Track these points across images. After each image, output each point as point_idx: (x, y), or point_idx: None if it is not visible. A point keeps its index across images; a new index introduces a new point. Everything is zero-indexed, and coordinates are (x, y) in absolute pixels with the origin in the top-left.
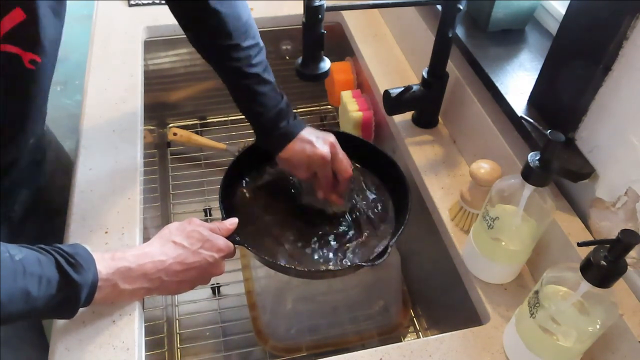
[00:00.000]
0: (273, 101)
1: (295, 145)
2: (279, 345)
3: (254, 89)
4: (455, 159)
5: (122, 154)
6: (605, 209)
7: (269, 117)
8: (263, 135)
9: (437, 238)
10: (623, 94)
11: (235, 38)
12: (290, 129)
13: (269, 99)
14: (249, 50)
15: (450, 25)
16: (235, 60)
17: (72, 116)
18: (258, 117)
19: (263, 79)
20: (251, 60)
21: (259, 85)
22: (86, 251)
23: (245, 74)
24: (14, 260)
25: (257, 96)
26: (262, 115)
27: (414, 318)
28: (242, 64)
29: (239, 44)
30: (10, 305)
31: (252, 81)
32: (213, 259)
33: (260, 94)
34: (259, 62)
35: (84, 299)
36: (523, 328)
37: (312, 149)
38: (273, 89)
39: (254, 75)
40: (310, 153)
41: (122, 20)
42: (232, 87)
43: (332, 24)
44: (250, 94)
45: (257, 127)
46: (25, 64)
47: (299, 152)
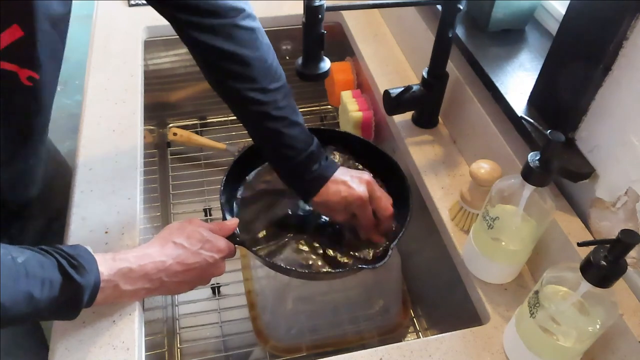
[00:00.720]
0: (303, 144)
1: (330, 188)
2: (279, 345)
3: (282, 132)
4: (455, 159)
5: (122, 154)
6: (605, 209)
7: (299, 161)
8: (294, 180)
9: (437, 238)
10: (623, 94)
11: (260, 81)
12: (323, 172)
13: (299, 141)
14: (276, 93)
15: (450, 25)
16: (261, 104)
17: (72, 116)
18: (288, 161)
19: (292, 121)
20: (278, 103)
21: (288, 128)
22: (88, 252)
23: (272, 117)
24: (16, 263)
25: (285, 139)
26: (292, 160)
27: (414, 318)
28: (269, 108)
29: (264, 87)
30: (13, 308)
31: (280, 124)
32: (213, 260)
33: (290, 136)
34: (287, 105)
35: (86, 300)
36: (523, 328)
37: (347, 190)
38: (303, 131)
39: (281, 118)
40: (346, 194)
41: (122, 20)
42: (257, 133)
43: (332, 24)
44: (278, 138)
45: (288, 171)
46: (22, 80)
47: (334, 195)
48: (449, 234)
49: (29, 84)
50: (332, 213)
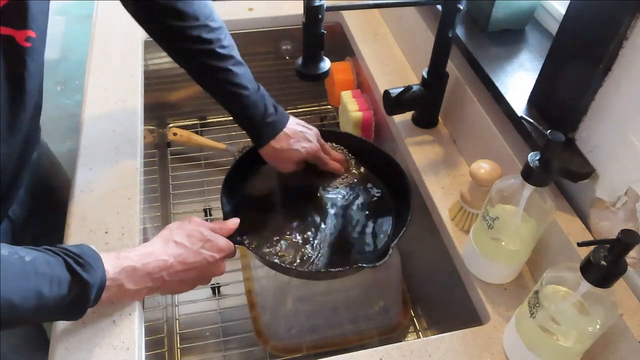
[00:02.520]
0: (253, 83)
1: (288, 137)
2: (279, 345)
3: (231, 70)
4: (455, 159)
5: (122, 153)
6: (605, 209)
7: (254, 100)
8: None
9: (437, 238)
10: (623, 94)
11: (201, 19)
12: (280, 117)
13: (248, 80)
14: (219, 32)
15: (450, 25)
16: (206, 42)
17: (72, 116)
18: (241, 100)
19: (238, 60)
20: (222, 42)
21: (236, 67)
22: (93, 251)
23: (218, 55)
24: (24, 262)
25: (235, 77)
26: (246, 98)
27: (414, 318)
28: (214, 46)
29: (207, 24)
30: (23, 306)
31: (228, 62)
32: (213, 259)
33: (239, 75)
34: (231, 44)
35: (93, 298)
36: (523, 328)
37: (306, 142)
38: (249, 72)
39: (228, 56)
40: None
41: (122, 20)
42: (205, 74)
43: (332, 24)
44: (227, 76)
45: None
46: (20, 43)
47: (291, 146)
48: (449, 234)
49: (28, 44)
50: (285, 163)
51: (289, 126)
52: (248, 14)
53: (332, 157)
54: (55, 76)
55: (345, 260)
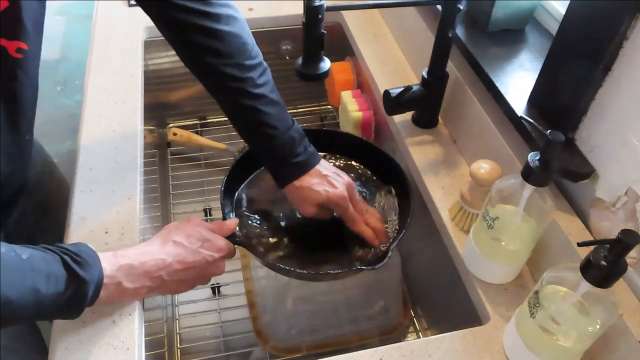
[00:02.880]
0: (284, 123)
1: (312, 178)
2: (279, 346)
3: (260, 109)
4: (455, 159)
5: (122, 154)
6: (605, 209)
7: (282, 141)
8: (275, 162)
9: (437, 238)
10: (623, 94)
11: (235, 57)
12: (308, 158)
13: (278, 120)
14: (252, 70)
15: (450, 25)
16: (237, 81)
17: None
18: (269, 141)
19: (270, 99)
20: (256, 81)
21: (267, 106)
22: (90, 249)
23: (249, 94)
24: (21, 259)
25: (264, 117)
26: (274, 139)
27: (414, 318)
28: (246, 85)
29: (240, 63)
30: (20, 303)
31: (258, 102)
32: (213, 259)
33: (269, 114)
34: (265, 83)
35: (90, 296)
36: (523, 328)
37: (330, 186)
38: (283, 111)
39: (259, 95)
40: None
41: (122, 20)
42: (235, 112)
43: (332, 24)
44: (256, 116)
45: (269, 153)
46: (11, 53)
47: (314, 186)
48: (449, 234)
49: (19, 55)
50: (304, 204)
51: (317, 169)
52: (248, 14)
53: (368, 222)
54: (55, 76)
55: (345, 262)
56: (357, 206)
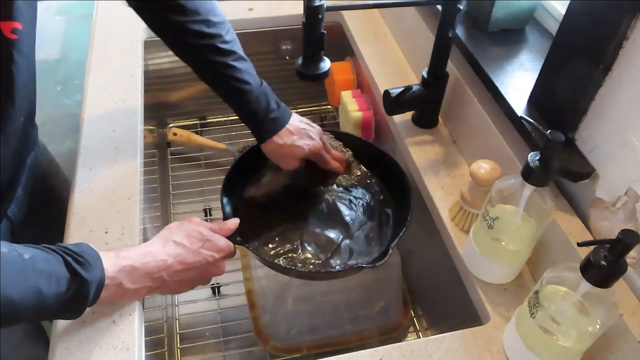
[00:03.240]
0: (256, 79)
1: (291, 134)
2: (279, 345)
3: (232, 65)
4: (455, 159)
5: (122, 153)
6: (605, 209)
7: (256, 95)
8: (252, 117)
9: (437, 238)
10: (623, 94)
11: (202, 13)
12: (283, 114)
13: (251, 76)
14: (220, 27)
15: (450, 25)
16: (206, 37)
17: (72, 116)
18: (244, 95)
19: (240, 55)
20: (224, 37)
21: (238, 62)
22: (92, 249)
23: (220, 50)
24: (23, 259)
25: (237, 72)
26: (249, 93)
27: (414, 318)
28: (215, 41)
29: (207, 19)
30: (22, 303)
31: (229, 58)
32: (213, 259)
33: (241, 70)
34: (233, 40)
35: (92, 296)
36: (523, 328)
37: (309, 140)
38: (252, 67)
39: (230, 51)
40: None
41: (122, 20)
42: (207, 69)
43: (332, 24)
44: (229, 71)
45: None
46: (6, 34)
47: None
48: (449, 234)
49: (14, 36)
50: (288, 160)
51: (292, 123)
52: (248, 14)
53: (333, 156)
54: (55, 76)
55: (345, 260)
56: (326, 147)
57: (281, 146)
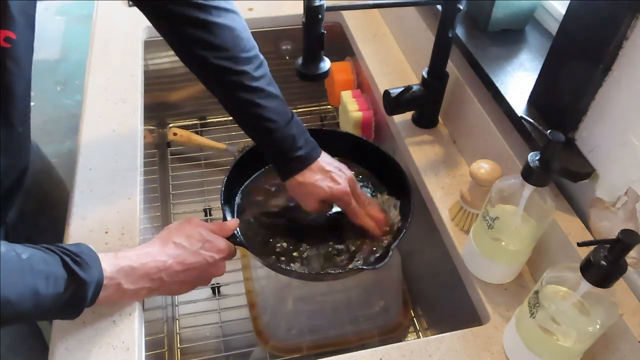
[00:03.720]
0: (284, 116)
1: (314, 173)
2: (280, 346)
3: (258, 103)
4: (455, 159)
5: (122, 154)
6: (605, 209)
7: (282, 135)
8: (277, 155)
9: (437, 238)
10: (623, 94)
11: (230, 49)
12: (310, 152)
13: (277, 114)
14: (248, 63)
15: (450, 25)
16: (233, 74)
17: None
18: (269, 134)
19: (269, 92)
20: (252, 73)
21: (265, 100)
22: (90, 250)
23: (246, 87)
24: (21, 259)
25: (263, 111)
26: (273, 132)
27: (414, 318)
28: (242, 78)
29: (234, 55)
30: (20, 303)
31: (256, 95)
32: (213, 260)
33: (268, 108)
34: (262, 76)
35: (90, 297)
36: (523, 328)
37: (333, 182)
38: (282, 104)
39: (257, 88)
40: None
41: (122, 20)
42: (234, 107)
43: (332, 24)
44: (255, 110)
45: (270, 145)
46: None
47: (317, 182)
48: (449, 234)
49: (7, 45)
50: (307, 200)
51: (319, 163)
52: (248, 14)
53: (369, 213)
54: (55, 76)
55: (345, 261)
56: (359, 199)
57: (301, 184)
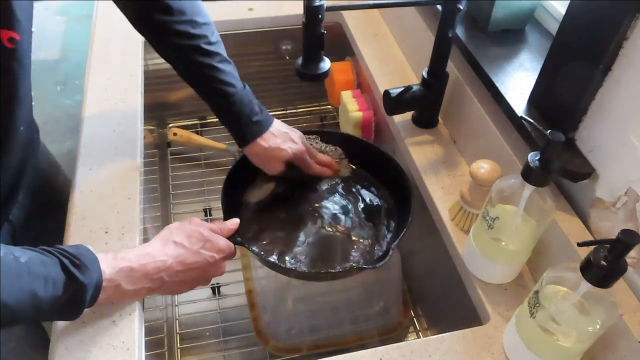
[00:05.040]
0: (239, 81)
1: (274, 137)
2: (280, 345)
3: (216, 66)
4: (455, 159)
5: (122, 154)
6: (605, 209)
7: (239, 98)
8: (235, 120)
9: (437, 238)
10: (623, 94)
11: (188, 14)
12: (266, 117)
13: (234, 78)
14: (206, 28)
15: (450, 25)
16: (194, 38)
17: (72, 116)
18: (227, 97)
19: (224, 57)
20: (209, 38)
21: (222, 64)
22: (89, 252)
23: (204, 51)
24: (19, 262)
25: (221, 74)
26: (232, 96)
27: (414, 318)
28: (201, 42)
29: (193, 19)
30: (18, 307)
31: (214, 59)
32: (213, 260)
33: (225, 72)
34: (218, 41)
35: (89, 299)
36: (523, 328)
37: (292, 143)
38: (235, 70)
39: (214, 53)
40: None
41: (122, 20)
42: (190, 70)
43: (332, 24)
44: (213, 73)
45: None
46: (4, 42)
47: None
48: (449, 234)
49: (11, 45)
50: (273, 163)
51: (274, 127)
52: (248, 14)
53: (318, 160)
54: (55, 76)
55: (345, 261)
56: (310, 151)
57: (266, 149)
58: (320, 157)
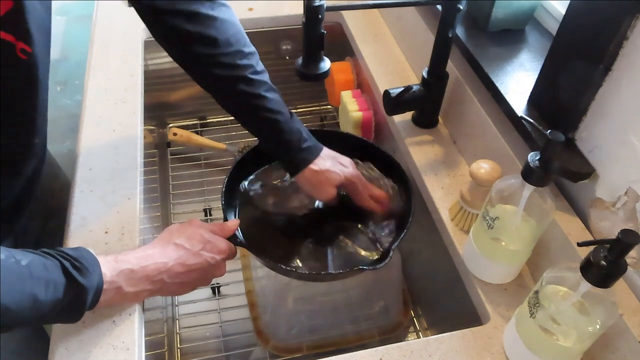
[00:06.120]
0: (286, 109)
1: (324, 162)
2: (280, 345)
3: (264, 95)
4: (455, 159)
5: (122, 154)
6: (605, 209)
7: (288, 128)
8: (283, 149)
9: (437, 238)
10: (623, 94)
11: (234, 44)
12: (316, 144)
13: (282, 106)
14: (252, 57)
15: (450, 25)
16: (240, 69)
17: (72, 116)
18: (274, 125)
19: (271, 86)
20: (256, 67)
21: (269, 92)
22: (90, 254)
23: (252, 81)
24: (20, 266)
25: (269, 103)
26: (280, 124)
27: (414, 318)
28: (248, 72)
29: (240, 50)
30: (18, 310)
31: (262, 88)
32: (214, 261)
33: (273, 100)
34: (264, 70)
35: (89, 302)
36: (523, 328)
37: (341, 167)
38: (281, 97)
39: (261, 82)
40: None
41: (122, 20)
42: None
43: (332, 24)
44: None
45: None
46: (18, 53)
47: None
48: (449, 234)
49: (24, 57)
50: (324, 187)
51: (324, 152)
52: (248, 14)
53: (372, 194)
54: (55, 76)
55: (346, 262)
56: (361, 182)
57: (317, 173)
58: (375, 192)
